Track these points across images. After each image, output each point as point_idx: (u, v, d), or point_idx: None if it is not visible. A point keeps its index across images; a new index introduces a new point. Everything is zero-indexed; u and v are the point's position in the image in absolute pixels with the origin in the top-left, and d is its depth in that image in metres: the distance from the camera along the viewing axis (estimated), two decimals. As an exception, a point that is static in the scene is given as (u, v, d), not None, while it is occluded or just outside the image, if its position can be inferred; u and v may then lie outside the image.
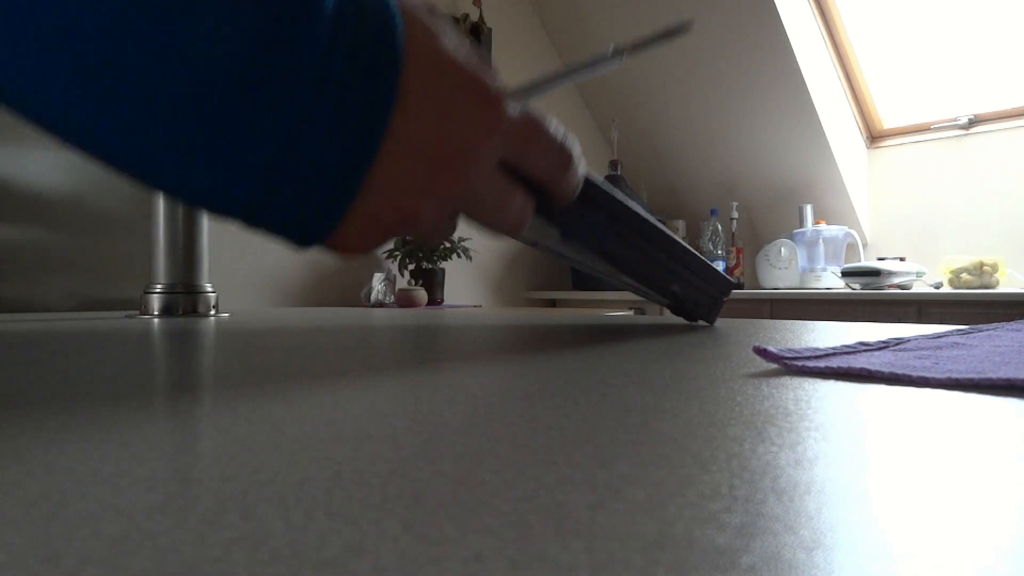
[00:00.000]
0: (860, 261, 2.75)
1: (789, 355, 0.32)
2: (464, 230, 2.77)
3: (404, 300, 2.32)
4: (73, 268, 1.38)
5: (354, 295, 2.57)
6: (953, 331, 0.48)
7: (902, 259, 2.67)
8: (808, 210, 2.93)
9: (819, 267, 2.86)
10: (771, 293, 2.72)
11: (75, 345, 0.44)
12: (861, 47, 2.90)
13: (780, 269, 2.91)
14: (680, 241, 0.49)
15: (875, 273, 2.54)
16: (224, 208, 0.26)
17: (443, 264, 2.58)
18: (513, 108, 0.30)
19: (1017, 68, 2.62)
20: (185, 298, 0.84)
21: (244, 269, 2.26)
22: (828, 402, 0.24)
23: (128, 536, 0.11)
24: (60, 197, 1.37)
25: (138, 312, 0.86)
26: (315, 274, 2.47)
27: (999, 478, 0.15)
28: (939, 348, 0.37)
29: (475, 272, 2.93)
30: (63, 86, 0.22)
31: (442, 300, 2.55)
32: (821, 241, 2.86)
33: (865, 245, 2.95)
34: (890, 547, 0.11)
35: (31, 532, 0.11)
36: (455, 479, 0.15)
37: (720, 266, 3.01)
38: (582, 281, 3.04)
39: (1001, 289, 2.43)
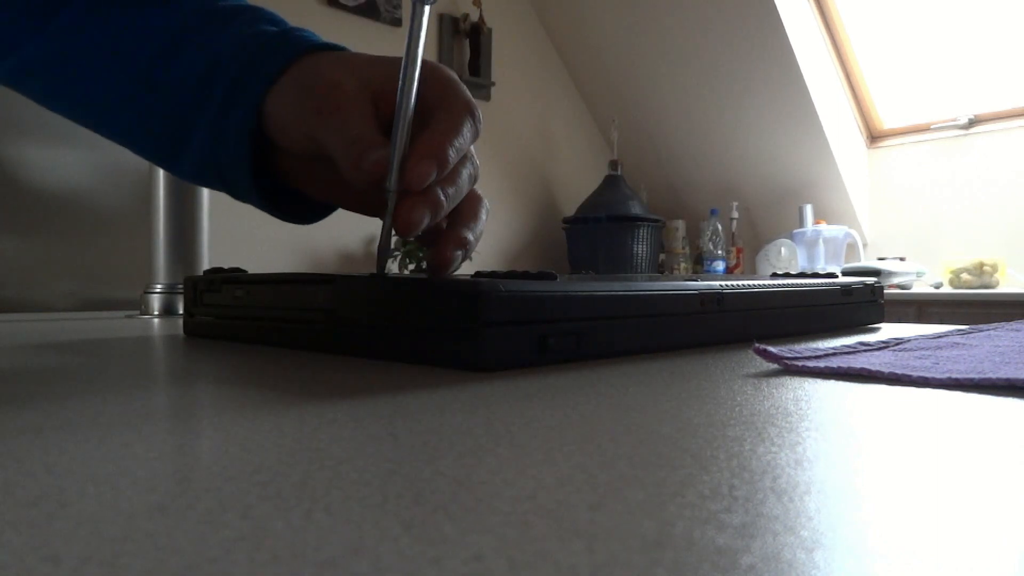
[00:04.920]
0: (860, 261, 2.75)
1: (789, 355, 0.32)
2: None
3: (404, 300, 2.31)
4: (73, 268, 1.38)
5: (354, 295, 2.56)
6: (953, 331, 0.48)
7: (902, 259, 2.67)
8: (808, 210, 2.93)
9: (819, 267, 2.86)
10: (771, 293, 2.71)
11: (75, 345, 0.44)
12: (861, 47, 2.90)
13: (780, 269, 2.90)
14: None
15: (875, 273, 2.54)
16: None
17: (443, 264, 2.57)
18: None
19: (1017, 68, 2.62)
20: (185, 298, 0.84)
21: (245, 268, 2.26)
22: (828, 402, 0.24)
23: (128, 536, 0.11)
24: (60, 197, 1.37)
25: (138, 312, 0.86)
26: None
27: (999, 478, 0.15)
28: (939, 348, 0.37)
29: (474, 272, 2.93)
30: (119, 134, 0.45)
31: (442, 300, 2.54)
32: (821, 241, 2.86)
33: (865, 245, 2.95)
34: (890, 547, 0.11)
35: (31, 532, 0.11)
36: (455, 479, 0.15)
37: (720, 266, 3.01)
38: (582, 281, 3.03)
39: (1001, 289, 2.43)
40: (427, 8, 0.36)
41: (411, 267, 2.51)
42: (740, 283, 0.45)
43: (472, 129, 0.38)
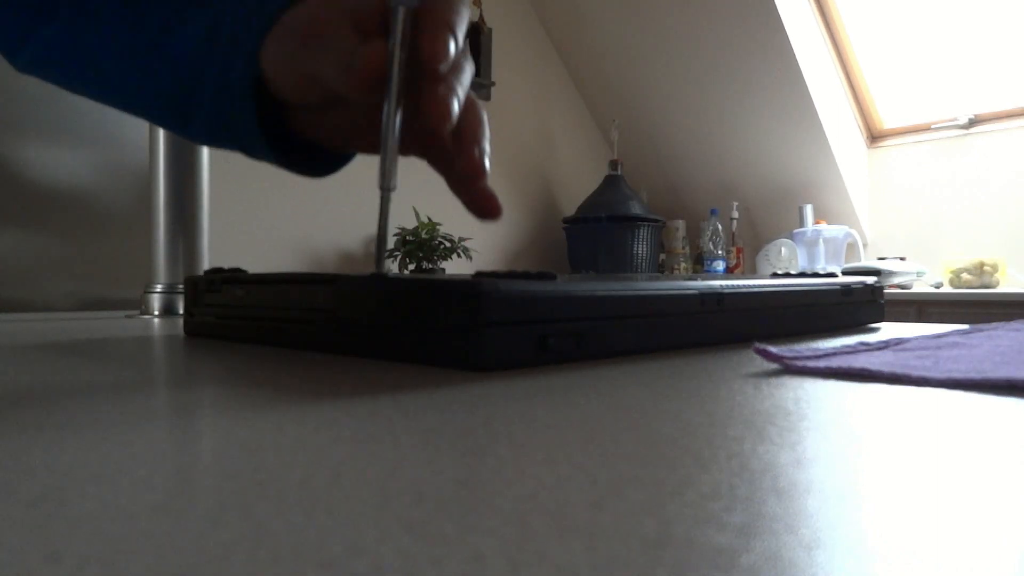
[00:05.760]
0: (860, 261, 2.75)
1: (789, 355, 0.32)
2: (465, 230, 2.77)
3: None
4: (73, 268, 1.38)
5: (354, 295, 2.56)
6: (953, 331, 0.48)
7: (902, 259, 2.67)
8: (808, 210, 2.93)
9: (819, 267, 2.86)
10: (771, 293, 2.71)
11: (75, 345, 0.44)
12: (861, 47, 2.90)
13: (780, 269, 2.90)
14: None
15: (875, 273, 2.54)
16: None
17: (443, 264, 2.58)
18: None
19: (1017, 68, 2.62)
20: (185, 298, 0.84)
21: (246, 268, 2.26)
22: (828, 402, 0.24)
23: (128, 536, 0.11)
24: (60, 197, 1.37)
25: (138, 312, 0.86)
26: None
27: (999, 478, 0.15)
28: (939, 348, 0.37)
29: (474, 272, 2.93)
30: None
31: (442, 300, 2.54)
32: (821, 241, 2.86)
33: (865, 245, 2.95)
34: (890, 547, 0.11)
35: (31, 532, 0.11)
36: (455, 479, 0.15)
37: (720, 266, 3.01)
38: (582, 281, 3.03)
39: (1001, 289, 2.43)
40: (400, 9, 0.36)
41: (411, 267, 2.51)
42: (740, 283, 0.45)
43: (467, 11, 0.37)
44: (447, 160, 0.40)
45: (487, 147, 0.38)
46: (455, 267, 2.73)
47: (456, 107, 0.35)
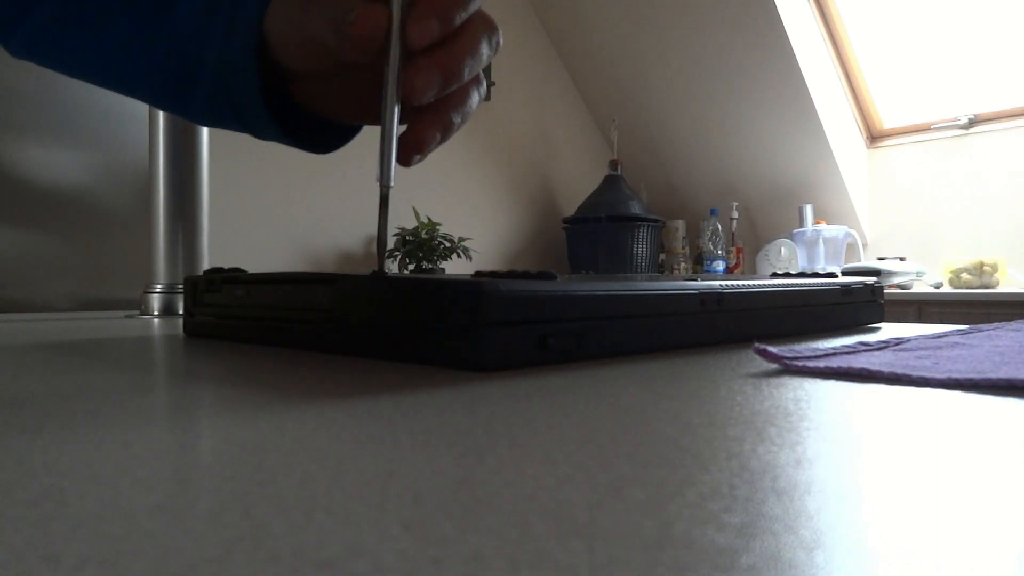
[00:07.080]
0: (860, 261, 2.75)
1: (789, 355, 0.32)
2: (465, 230, 2.77)
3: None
4: (73, 268, 1.38)
5: (354, 295, 2.55)
6: (953, 331, 0.48)
7: (902, 259, 2.67)
8: (808, 210, 2.93)
9: (819, 267, 2.86)
10: (771, 293, 2.71)
11: (75, 345, 0.44)
12: (861, 47, 2.90)
13: (780, 269, 2.90)
14: None
15: (875, 273, 2.54)
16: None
17: (443, 264, 2.58)
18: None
19: (1017, 68, 2.62)
20: (185, 298, 0.84)
21: (245, 268, 2.26)
22: (828, 402, 0.24)
23: (128, 536, 0.11)
24: (60, 197, 1.37)
25: (138, 312, 0.86)
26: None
27: (999, 478, 0.15)
28: (939, 348, 0.37)
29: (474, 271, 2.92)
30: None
31: (442, 300, 2.53)
32: (821, 241, 2.86)
33: (865, 245, 2.95)
34: (890, 547, 0.11)
35: (31, 532, 0.11)
36: (455, 479, 0.15)
37: (720, 266, 3.01)
38: (582, 281, 3.03)
39: (1001, 289, 2.43)
40: None
41: (411, 267, 2.51)
42: (740, 283, 0.45)
43: None
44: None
45: (457, 122, 0.38)
46: (455, 267, 2.73)
47: (435, 84, 0.34)
